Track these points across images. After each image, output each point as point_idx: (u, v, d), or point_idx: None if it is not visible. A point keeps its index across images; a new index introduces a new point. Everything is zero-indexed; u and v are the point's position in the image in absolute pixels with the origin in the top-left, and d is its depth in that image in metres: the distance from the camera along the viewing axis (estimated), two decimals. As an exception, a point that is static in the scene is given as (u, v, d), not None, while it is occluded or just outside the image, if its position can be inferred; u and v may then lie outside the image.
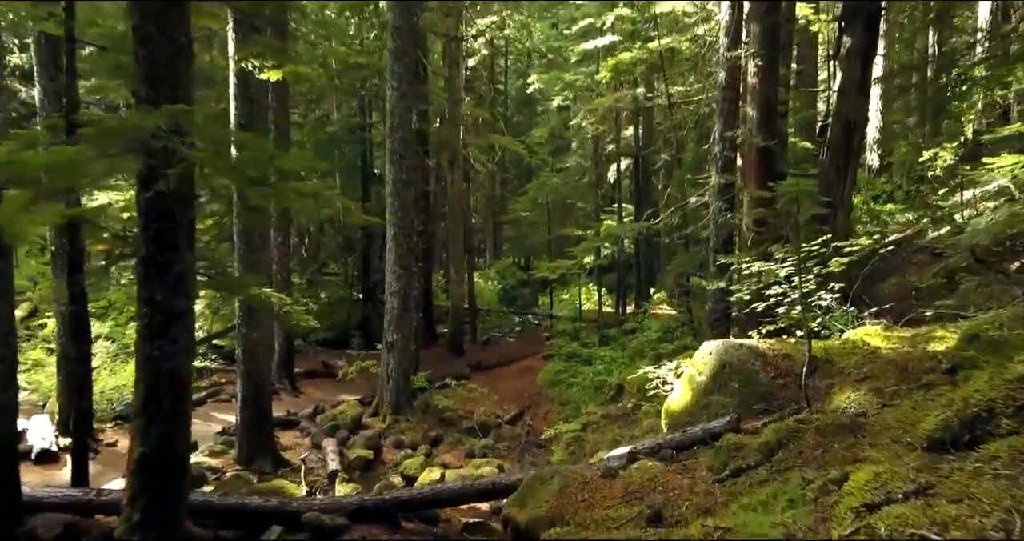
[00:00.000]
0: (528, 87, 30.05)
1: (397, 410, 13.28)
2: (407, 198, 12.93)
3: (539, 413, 15.30)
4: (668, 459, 5.94)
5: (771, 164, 10.75)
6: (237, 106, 9.59)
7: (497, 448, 12.73)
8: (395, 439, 12.60)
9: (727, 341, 7.06)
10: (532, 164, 36.35)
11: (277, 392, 15.11)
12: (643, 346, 15.44)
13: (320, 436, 12.10)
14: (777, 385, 6.50)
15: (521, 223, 30.92)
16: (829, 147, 10.63)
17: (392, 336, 13.10)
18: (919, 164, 20.49)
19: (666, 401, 7.47)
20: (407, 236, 12.98)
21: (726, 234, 11.32)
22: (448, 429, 13.48)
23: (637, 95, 20.58)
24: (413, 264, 13.75)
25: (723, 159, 11.17)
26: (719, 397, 6.74)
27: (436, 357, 20.08)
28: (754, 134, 10.46)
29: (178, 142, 4.49)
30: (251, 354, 9.93)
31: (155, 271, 4.89)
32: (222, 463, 10.07)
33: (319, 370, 17.01)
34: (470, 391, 15.16)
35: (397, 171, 12.79)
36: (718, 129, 11.24)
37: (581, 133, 25.90)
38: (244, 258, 9.74)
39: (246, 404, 9.99)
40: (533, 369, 18.87)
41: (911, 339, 6.55)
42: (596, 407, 14.35)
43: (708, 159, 20.53)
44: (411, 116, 13.27)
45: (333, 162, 26.31)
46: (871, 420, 4.93)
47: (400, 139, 12.74)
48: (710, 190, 11.35)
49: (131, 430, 5.05)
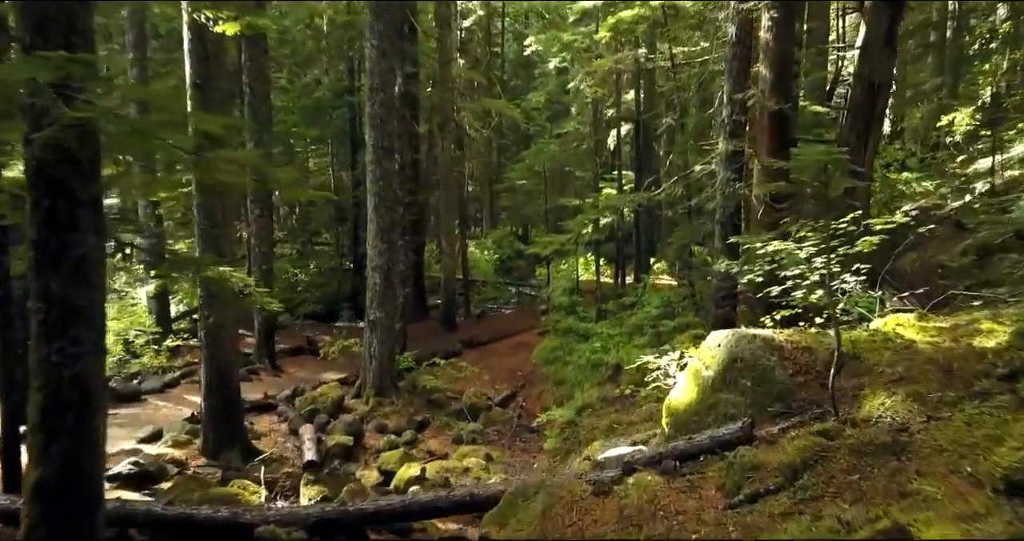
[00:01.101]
0: (526, 49, 28.91)
1: (381, 392, 12.51)
2: (389, 166, 12.00)
3: (532, 393, 14.54)
4: (670, 472, 5.12)
5: (785, 130, 9.80)
6: (192, 64, 8.62)
7: (487, 433, 11.97)
8: (378, 423, 11.85)
9: (738, 332, 6.20)
10: (530, 130, 35.21)
11: (257, 372, 14.35)
12: (643, 322, 14.61)
13: (298, 421, 11.34)
14: (796, 383, 5.65)
15: (517, 192, 29.87)
16: (849, 110, 9.68)
17: (375, 314, 12.28)
18: (935, 129, 19.49)
19: (668, 397, 6.64)
20: (390, 208, 12.08)
21: (733, 206, 10.41)
22: (435, 412, 12.71)
23: (638, 56, 19.49)
24: (397, 237, 12.88)
25: (732, 124, 10.22)
26: (729, 395, 5.90)
27: (427, 332, 19.29)
28: (767, 96, 9.49)
29: (59, 99, 3.57)
30: (215, 337, 9.09)
31: (48, 257, 4.02)
32: (186, 455, 9.30)
33: (304, 347, 16.19)
34: (460, 370, 14.37)
35: (378, 137, 11.84)
36: (727, 90, 10.27)
37: (580, 97, 24.79)
38: (205, 234, 8.86)
39: (211, 392, 9.19)
40: (528, 345, 18.06)
41: (952, 331, 5.70)
42: (592, 387, 13.59)
43: (714, 124, 19.54)
44: (393, 77, 12.29)
45: (324, 129, 25.26)
46: (916, 438, 4.09)
47: (381, 102, 11.78)
48: (717, 158, 10.41)
49: (28, 448, 4.22)
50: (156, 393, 12.39)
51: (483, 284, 28.78)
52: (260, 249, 14.20)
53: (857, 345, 5.85)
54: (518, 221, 35.20)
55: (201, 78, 8.59)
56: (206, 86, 8.60)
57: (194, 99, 8.63)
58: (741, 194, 10.32)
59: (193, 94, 8.62)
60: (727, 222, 10.47)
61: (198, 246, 8.96)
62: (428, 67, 22.78)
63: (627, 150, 26.95)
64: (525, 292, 28.26)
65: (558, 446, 10.88)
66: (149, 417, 11.19)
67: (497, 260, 31.79)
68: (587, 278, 24.90)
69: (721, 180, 10.27)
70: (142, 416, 11.24)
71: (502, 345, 18.34)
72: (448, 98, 19.55)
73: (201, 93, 8.57)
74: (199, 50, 8.50)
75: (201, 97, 8.58)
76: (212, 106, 8.63)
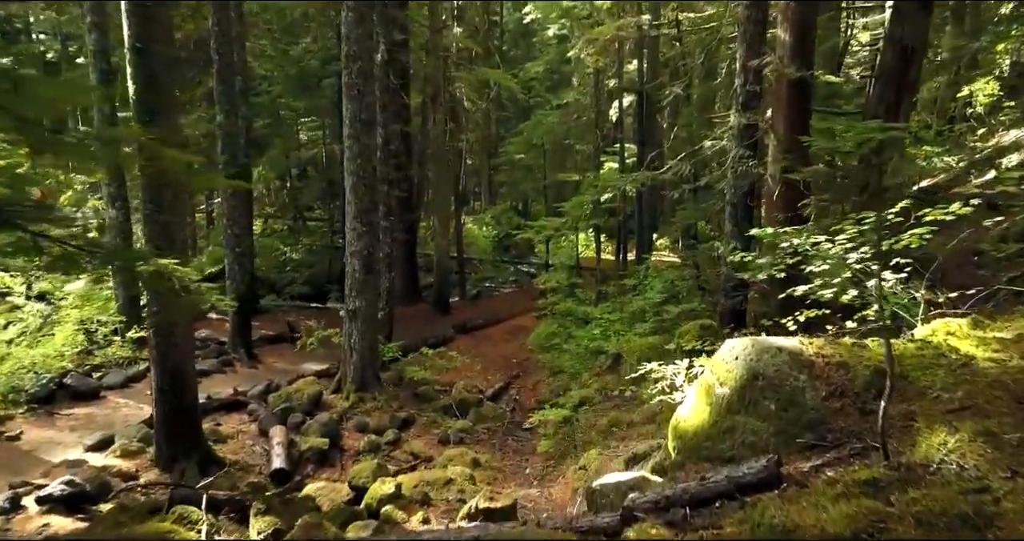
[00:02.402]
0: (526, 17, 27.63)
1: (362, 387, 11.59)
2: (368, 142, 10.95)
3: (527, 384, 13.64)
4: (679, 524, 4.16)
5: (805, 100, 8.75)
6: (131, 25, 7.53)
7: (476, 432, 11.07)
8: (358, 421, 10.94)
9: (759, 342, 5.21)
10: (531, 102, 33.98)
11: (232, 363, 13.42)
12: (644, 309, 13.64)
13: (269, 421, 10.43)
14: (830, 409, 4.68)
15: (516, 166, 28.70)
16: (877, 78, 8.61)
17: (355, 303, 11.31)
18: (953, 100, 18.34)
19: (675, 415, 5.68)
20: (369, 187, 11.05)
21: (747, 185, 9.39)
22: (422, 407, 11.80)
23: (641, 23, 18.30)
24: (378, 219, 11.87)
25: (745, 94, 9.17)
26: (748, 419, 4.94)
27: (419, 316, 18.36)
28: (786, 63, 8.42)
29: None
30: (166, 336, 8.12)
31: None
32: (136, 466, 8.38)
33: (286, 334, 15.23)
34: (450, 360, 13.43)
35: (356, 109, 10.78)
36: (740, 57, 9.20)
37: (581, 67, 23.62)
38: (151, 220, 7.84)
39: (163, 396, 8.23)
40: (524, 329, 17.17)
41: (1017, 345, 4.72)
42: (591, 378, 12.71)
43: (720, 96, 18.40)
44: (373, 44, 11.19)
45: (314, 99, 24.02)
46: (1004, 507, 3.12)
47: (359, 71, 10.69)
48: (728, 132, 9.36)
49: None
50: (118, 389, 11.46)
51: (480, 263, 27.80)
52: (232, 231, 13.17)
53: (903, 361, 4.87)
54: (518, 196, 34.09)
55: (142, 41, 7.52)
56: (148, 51, 7.53)
57: (133, 64, 7.57)
58: (755, 173, 9.29)
59: (132, 59, 7.56)
60: (739, 203, 9.46)
61: (143, 233, 7.96)
62: (421, 35, 21.54)
63: (629, 122, 25.82)
64: (524, 270, 27.31)
65: (552, 448, 9.98)
66: (106, 418, 10.27)
67: (496, 237, 30.77)
68: (588, 255, 23.94)
69: (733, 157, 9.23)
70: (98, 417, 10.32)
71: (497, 330, 17.44)
72: (440, 68, 18.40)
73: (140, 58, 7.50)
74: (137, 9, 7.42)
75: (140, 63, 7.51)
76: (153, 73, 7.57)
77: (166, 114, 7.80)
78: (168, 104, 7.83)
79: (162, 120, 7.75)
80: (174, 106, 8.01)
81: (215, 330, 15.59)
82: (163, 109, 7.77)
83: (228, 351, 13.60)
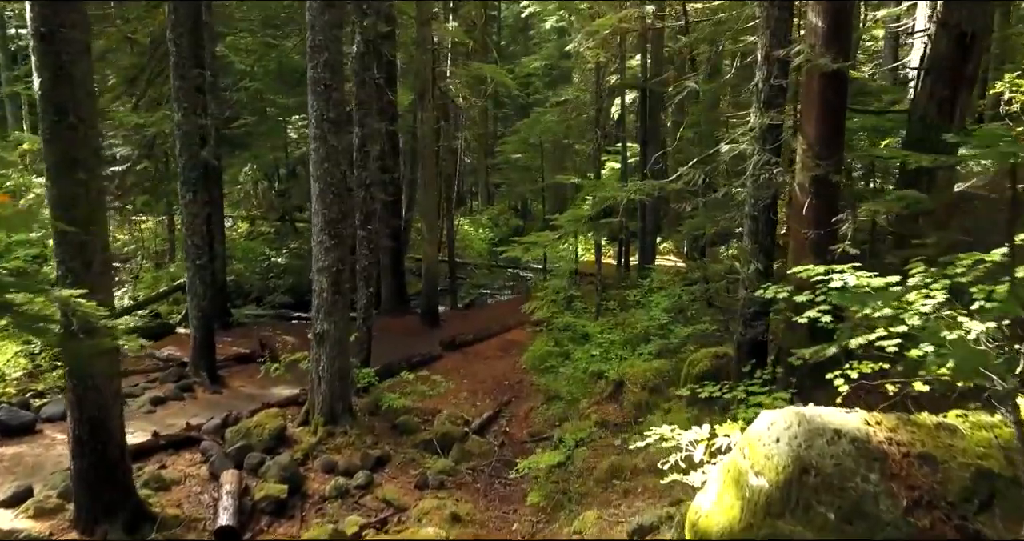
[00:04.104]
0: (524, 10, 26.35)
1: (332, 419, 10.30)
2: (337, 143, 9.67)
3: (519, 412, 12.35)
4: None
5: (840, 97, 7.44)
6: (34, 8, 6.24)
7: (459, 473, 9.78)
8: (326, 460, 9.66)
9: (808, 418, 3.90)
10: (530, 99, 32.67)
11: (191, 388, 12.13)
12: (649, 329, 12.33)
13: (222, 463, 9.15)
14: (916, 528, 3.39)
15: (512, 167, 27.33)
16: (928, 72, 7.29)
17: (322, 325, 10.04)
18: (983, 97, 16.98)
19: (693, 506, 4.39)
20: (338, 195, 9.76)
21: (769, 196, 8.08)
22: (400, 441, 10.53)
23: (645, 14, 17.00)
24: (350, 230, 10.60)
25: (768, 90, 7.84)
26: (796, 528, 3.66)
27: (405, 330, 17.06)
28: (819, 52, 7.11)
29: None
30: (83, 379, 6.83)
31: None
32: (51, 529, 7.09)
33: (256, 353, 13.92)
34: (433, 385, 12.12)
35: (322, 106, 9.51)
36: (763, 46, 7.87)
37: (581, 62, 22.32)
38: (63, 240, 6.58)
39: (82, 448, 6.95)
40: (518, 344, 15.83)
41: None
42: (589, 406, 11.42)
43: (729, 92, 17.07)
44: (341, 32, 9.92)
45: (301, 96, 22.67)
46: None
47: (325, 64, 9.42)
48: (749, 134, 8.04)
49: None
50: (59, 420, 10.12)
51: (475, 267, 26.46)
52: (192, 241, 11.86)
53: (1008, 448, 3.58)
54: (515, 197, 32.78)
55: (48, 26, 6.22)
56: (56, 37, 6.23)
57: (38, 54, 6.28)
58: (780, 181, 7.98)
59: (36, 47, 6.27)
60: (760, 216, 8.15)
61: (55, 256, 6.68)
62: (412, 27, 20.22)
63: (631, 120, 24.52)
64: (522, 275, 26.01)
65: (544, 499, 8.68)
66: (36, 459, 8.99)
67: (493, 239, 29.45)
68: (588, 259, 22.59)
69: (755, 163, 7.92)
70: (27, 458, 9.04)
71: (489, 345, 16.13)
72: (428, 62, 17.10)
73: (46, 46, 6.21)
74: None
75: (46, 51, 6.23)
76: (63, 64, 6.28)
77: (80, 113, 6.51)
78: (82, 101, 6.53)
79: (75, 120, 6.47)
80: (91, 104, 6.71)
81: (181, 347, 14.26)
82: (76, 107, 6.48)
83: (188, 374, 12.30)
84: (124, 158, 14.32)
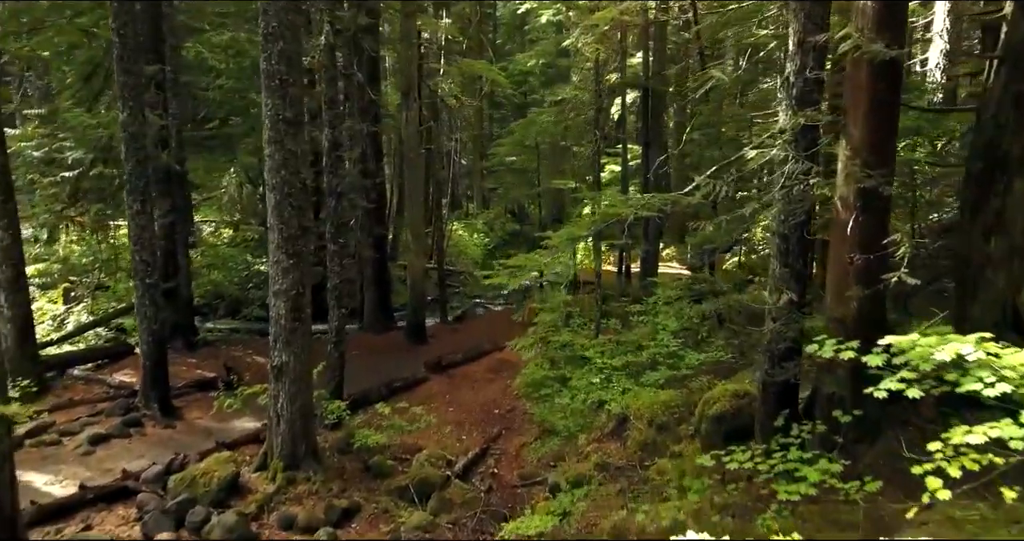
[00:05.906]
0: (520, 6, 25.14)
1: (293, 463, 8.99)
2: (296, 147, 8.33)
3: (510, 448, 11.02)
4: None
5: (894, 92, 6.14)
6: None
7: (439, 528, 8.45)
8: (283, 514, 8.35)
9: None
10: (527, 98, 31.39)
11: (140, 423, 10.78)
12: (655, 356, 10.99)
13: (158, 523, 7.84)
14: None
15: (507, 170, 25.96)
16: (1002, 60, 5.97)
17: (280, 357, 8.72)
18: None
19: None
20: (298, 207, 8.42)
21: (803, 212, 6.74)
22: (372, 487, 9.22)
23: (648, 6, 15.76)
24: (309, 248, 9.25)
25: (802, 84, 6.51)
26: None
27: (388, 348, 15.73)
28: (869, 37, 5.78)
29: None
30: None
31: None
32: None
33: (219, 378, 12.54)
34: (413, 419, 10.78)
35: (278, 105, 8.17)
36: (795, 31, 6.54)
37: (579, 59, 21.07)
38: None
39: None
40: (511, 365, 14.44)
41: None
42: (589, 443, 10.14)
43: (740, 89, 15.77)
44: (299, 19, 8.59)
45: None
46: None
47: (280, 54, 8.09)
48: (779, 137, 6.70)
49: None
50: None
51: (469, 275, 25.10)
52: (140, 257, 10.53)
53: None
54: (509, 201, 31.45)
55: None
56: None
57: None
58: (815, 194, 6.65)
59: None
60: (792, 236, 6.81)
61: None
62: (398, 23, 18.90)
63: (633, 121, 23.26)
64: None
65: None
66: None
67: (489, 245, 28.10)
68: (587, 264, 21.25)
69: (786, 172, 6.58)
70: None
71: (479, 366, 14.77)
72: (414, 58, 15.78)
73: None
74: None
75: None
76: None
77: None
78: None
79: None
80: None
81: (139, 371, 12.90)
82: None
83: (138, 406, 10.96)
84: (77, 162, 12.99)
